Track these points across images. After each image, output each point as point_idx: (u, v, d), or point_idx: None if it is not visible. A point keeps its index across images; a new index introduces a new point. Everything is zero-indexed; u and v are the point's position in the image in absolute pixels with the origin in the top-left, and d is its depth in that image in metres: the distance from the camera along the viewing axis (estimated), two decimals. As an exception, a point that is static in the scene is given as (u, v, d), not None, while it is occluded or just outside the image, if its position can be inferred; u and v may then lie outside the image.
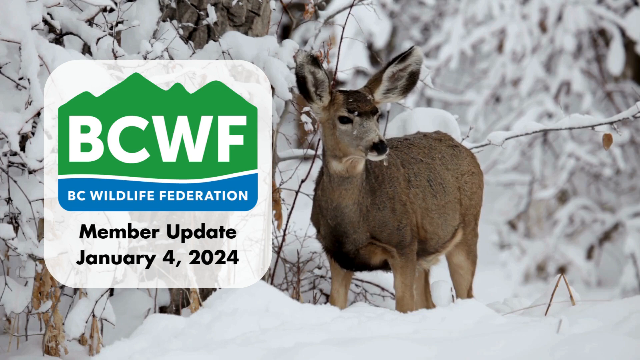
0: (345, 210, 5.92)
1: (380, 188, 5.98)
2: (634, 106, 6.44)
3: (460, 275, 6.44)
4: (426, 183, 6.13)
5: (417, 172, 6.13)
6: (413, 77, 5.86)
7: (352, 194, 5.90)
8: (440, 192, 6.18)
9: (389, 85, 5.88)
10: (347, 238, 5.95)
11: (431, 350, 4.39)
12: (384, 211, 5.96)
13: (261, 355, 4.42)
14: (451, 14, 16.68)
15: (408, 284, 6.04)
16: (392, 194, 5.99)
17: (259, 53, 6.33)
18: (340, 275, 6.12)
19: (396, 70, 5.85)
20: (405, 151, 6.18)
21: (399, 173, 6.05)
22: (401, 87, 5.88)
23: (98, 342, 5.53)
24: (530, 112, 15.47)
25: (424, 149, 6.23)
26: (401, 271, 6.03)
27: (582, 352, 4.21)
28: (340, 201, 5.91)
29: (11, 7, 5.15)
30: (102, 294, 5.38)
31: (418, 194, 6.08)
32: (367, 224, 5.93)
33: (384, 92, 5.89)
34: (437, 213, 6.15)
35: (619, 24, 15.43)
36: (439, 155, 6.26)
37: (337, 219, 5.94)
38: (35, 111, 5.15)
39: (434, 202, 6.14)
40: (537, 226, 15.87)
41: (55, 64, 5.19)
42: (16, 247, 5.32)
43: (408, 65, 5.85)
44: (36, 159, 5.17)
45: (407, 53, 5.83)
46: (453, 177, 6.25)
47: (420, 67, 5.84)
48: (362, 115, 5.82)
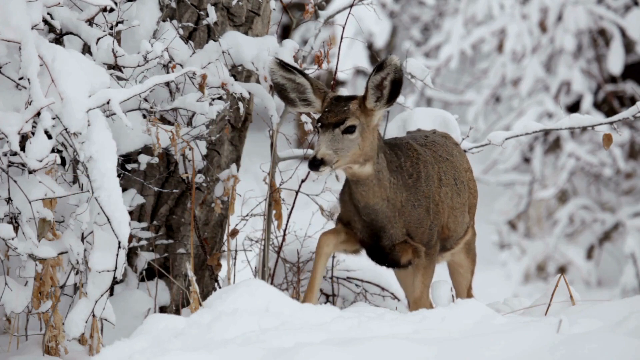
0: (376, 207, 5.93)
1: (416, 186, 5.98)
2: (634, 106, 6.44)
3: (460, 274, 6.45)
4: (453, 182, 6.16)
5: (445, 170, 6.14)
6: (395, 84, 5.83)
7: (376, 193, 5.91)
8: (462, 190, 6.21)
9: (377, 94, 5.86)
10: (385, 233, 5.96)
11: (431, 350, 4.39)
12: (419, 209, 5.97)
13: (261, 355, 4.42)
14: (451, 14, 16.68)
15: (427, 285, 6.06)
16: (428, 192, 6.01)
17: (259, 53, 6.33)
18: (325, 256, 6.09)
19: (379, 79, 5.83)
20: (433, 149, 6.19)
21: (434, 171, 6.06)
22: (387, 95, 5.85)
23: (98, 342, 5.53)
24: (530, 112, 15.47)
25: (444, 147, 6.25)
26: (424, 271, 6.04)
27: (582, 352, 4.21)
28: (367, 200, 5.92)
29: (11, 7, 5.15)
30: (102, 294, 5.38)
31: (447, 193, 6.11)
32: (403, 220, 5.95)
33: (374, 100, 5.87)
34: (460, 211, 6.18)
35: (619, 24, 15.43)
36: (455, 152, 6.28)
37: (370, 216, 5.95)
38: (35, 111, 5.15)
39: (458, 201, 6.17)
40: (537, 226, 15.88)
41: (55, 64, 5.19)
42: (16, 247, 5.32)
43: (387, 74, 5.82)
44: (36, 159, 5.17)
45: (382, 63, 5.80)
46: (465, 173, 6.28)
47: (399, 74, 5.80)
48: (323, 127, 5.83)
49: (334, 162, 5.78)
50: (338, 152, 5.79)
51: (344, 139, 5.81)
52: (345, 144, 5.81)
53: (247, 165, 8.02)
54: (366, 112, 5.87)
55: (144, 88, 5.35)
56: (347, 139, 5.81)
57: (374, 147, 5.88)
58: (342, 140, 5.81)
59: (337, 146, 5.80)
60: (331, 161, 5.77)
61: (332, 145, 5.79)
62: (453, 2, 16.79)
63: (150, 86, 5.36)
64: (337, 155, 5.79)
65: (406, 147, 6.05)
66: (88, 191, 5.29)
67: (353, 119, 5.84)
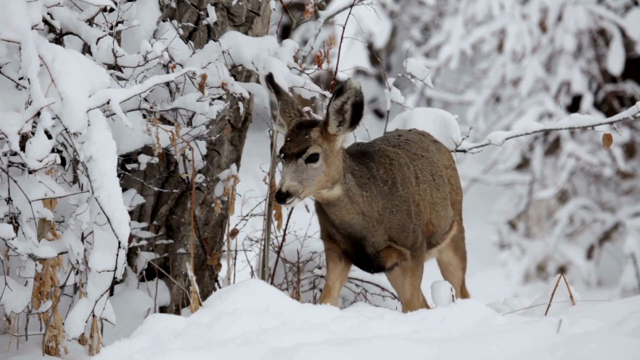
0: (352, 222, 5.89)
1: (392, 192, 5.93)
2: (634, 106, 6.44)
3: (450, 272, 6.42)
4: (430, 178, 6.12)
5: (421, 167, 6.10)
6: (357, 108, 5.75)
7: (349, 210, 5.87)
8: (441, 184, 6.17)
9: (338, 118, 5.78)
10: (367, 241, 5.93)
11: (431, 350, 4.39)
12: (398, 214, 5.93)
13: (261, 355, 4.42)
14: (451, 14, 16.68)
15: (417, 286, 6.03)
16: (406, 196, 5.96)
17: (259, 53, 6.33)
18: (337, 269, 6.08)
19: (339, 103, 5.75)
20: (407, 148, 6.14)
21: (410, 172, 6.02)
22: (348, 119, 5.76)
23: (98, 342, 5.53)
24: (530, 112, 15.47)
25: (420, 144, 6.21)
26: (412, 273, 6.02)
27: (582, 352, 4.21)
28: (342, 218, 5.88)
29: (11, 7, 5.15)
30: (102, 294, 5.38)
31: (426, 190, 6.07)
32: (383, 227, 5.91)
33: (336, 125, 5.78)
34: (441, 206, 6.15)
35: (619, 24, 15.43)
36: (430, 148, 6.25)
37: (348, 230, 5.91)
38: (35, 111, 5.15)
39: (438, 196, 6.14)
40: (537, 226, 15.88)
41: (55, 64, 5.19)
42: (16, 247, 5.32)
43: (347, 98, 5.74)
44: (36, 159, 5.17)
45: (341, 87, 5.72)
46: (443, 169, 6.25)
47: (360, 98, 5.73)
48: (286, 158, 5.77)
49: (300, 192, 5.70)
50: (303, 182, 5.71)
51: (308, 169, 5.73)
52: (309, 173, 5.73)
53: (247, 165, 8.03)
54: (328, 138, 5.78)
55: (144, 88, 5.35)
56: (311, 167, 5.73)
57: (339, 170, 5.81)
58: (306, 169, 5.73)
59: (302, 176, 5.72)
60: (297, 192, 5.69)
61: (297, 176, 5.71)
62: (453, 2, 16.79)
63: (150, 86, 5.36)
64: (303, 185, 5.71)
65: (378, 155, 5.98)
66: (88, 191, 5.29)
67: (315, 147, 5.75)
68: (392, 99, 6.76)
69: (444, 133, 6.67)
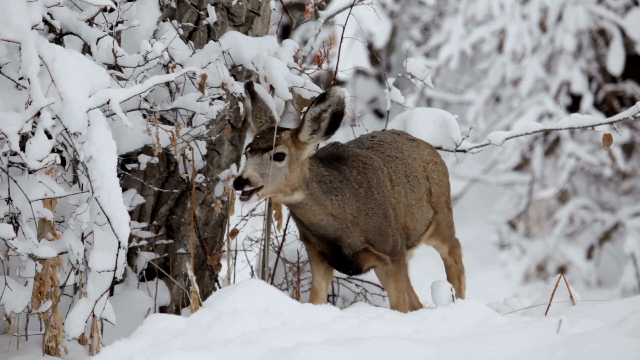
0: (322, 223, 5.86)
1: (367, 195, 5.89)
2: (634, 106, 6.44)
3: (446, 263, 6.46)
4: (405, 179, 6.09)
5: (395, 169, 6.07)
6: (336, 117, 5.71)
7: (315, 212, 5.84)
8: (416, 185, 6.14)
9: (313, 126, 5.75)
10: (343, 242, 5.90)
11: (431, 350, 4.39)
12: (374, 218, 5.89)
13: (261, 355, 4.42)
14: (451, 14, 16.68)
15: (401, 289, 6.00)
16: (381, 200, 5.93)
17: (259, 53, 6.33)
18: (321, 270, 6.07)
19: (318, 110, 5.72)
20: (381, 150, 6.11)
21: (384, 175, 5.99)
22: (324, 127, 5.73)
23: (98, 342, 5.53)
24: (530, 112, 15.47)
25: (393, 144, 6.18)
26: (394, 278, 5.99)
27: (582, 352, 4.21)
28: (310, 219, 5.86)
29: (11, 7, 5.15)
30: (102, 294, 5.38)
31: (400, 192, 6.04)
32: (359, 228, 5.89)
33: (309, 132, 5.75)
34: (417, 207, 6.13)
35: (619, 24, 15.43)
36: (405, 148, 6.22)
37: (319, 231, 5.89)
38: (35, 111, 5.15)
39: (413, 197, 6.10)
40: (537, 226, 15.88)
41: (55, 64, 5.19)
42: (16, 247, 5.32)
43: (329, 105, 5.70)
44: (36, 159, 5.17)
45: (325, 94, 5.69)
46: (420, 167, 6.22)
47: (342, 107, 5.68)
48: (252, 152, 5.75)
49: (259, 185, 5.68)
50: (264, 177, 5.70)
51: (272, 166, 5.72)
52: (272, 170, 5.72)
53: (247, 165, 8.00)
54: (298, 145, 5.77)
55: (144, 88, 5.35)
56: (275, 166, 5.72)
57: (300, 179, 5.78)
58: (270, 166, 5.72)
59: (264, 171, 5.71)
60: (256, 183, 5.67)
61: (259, 169, 5.70)
62: (453, 2, 16.79)
63: (150, 86, 5.36)
64: (263, 180, 5.70)
65: (352, 159, 5.95)
66: (88, 191, 5.29)
67: (284, 147, 5.74)
68: (392, 99, 6.76)
69: (444, 133, 6.67)
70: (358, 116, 6.82)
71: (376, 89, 18.44)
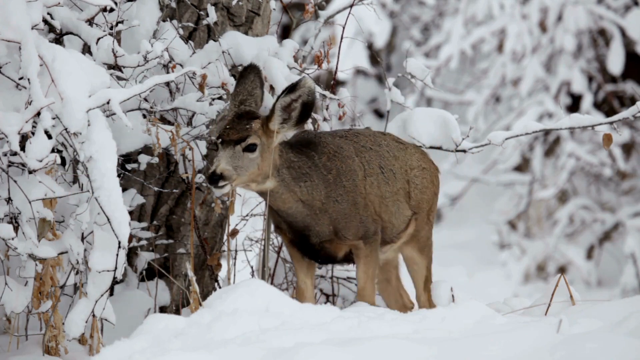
0: (291, 211, 5.90)
1: (336, 181, 5.93)
2: (634, 106, 6.44)
3: (414, 270, 6.40)
4: (378, 170, 6.10)
5: (369, 159, 6.09)
6: (306, 107, 5.75)
7: (285, 199, 5.88)
8: (391, 178, 6.14)
9: (284, 115, 5.78)
10: (311, 231, 5.93)
11: (431, 350, 4.39)
12: (343, 204, 5.92)
13: (261, 355, 4.42)
14: (451, 14, 16.68)
15: (370, 275, 6.00)
16: (351, 187, 5.96)
17: (259, 53, 6.33)
18: (304, 266, 6.09)
19: (288, 100, 5.75)
20: (355, 140, 6.13)
21: (355, 164, 6.01)
22: (295, 117, 5.77)
23: (98, 342, 5.53)
24: (530, 112, 15.47)
25: (370, 137, 6.19)
26: (365, 260, 5.99)
27: (582, 352, 4.21)
28: (279, 206, 5.90)
29: (11, 7, 5.15)
30: (102, 294, 5.38)
31: (373, 183, 6.05)
32: (327, 216, 5.91)
33: (280, 122, 5.79)
34: (391, 200, 6.12)
35: (619, 24, 15.43)
36: (385, 143, 6.22)
37: (289, 218, 5.93)
38: (35, 111, 5.15)
39: (387, 189, 6.11)
40: (537, 226, 15.88)
41: (55, 64, 5.19)
42: (16, 247, 5.32)
43: (299, 96, 5.74)
44: (36, 159, 5.17)
45: (295, 84, 5.73)
46: (401, 167, 6.22)
47: (312, 97, 5.73)
48: (223, 143, 5.78)
49: (233, 178, 5.73)
50: (237, 169, 5.75)
51: (244, 157, 5.77)
52: (244, 162, 5.76)
53: (247, 165, 8.00)
54: (268, 133, 5.81)
55: (144, 88, 5.35)
56: (247, 157, 5.77)
57: (272, 166, 5.82)
58: (242, 158, 5.77)
59: (237, 163, 5.75)
60: (230, 177, 5.72)
61: (232, 161, 5.75)
62: (453, 2, 16.79)
63: (150, 86, 5.36)
64: (236, 172, 5.74)
65: (321, 145, 5.99)
66: (88, 191, 5.29)
67: (255, 137, 5.78)
68: (392, 99, 6.75)
69: (444, 133, 6.66)
70: (358, 116, 6.82)
71: (376, 89, 18.44)
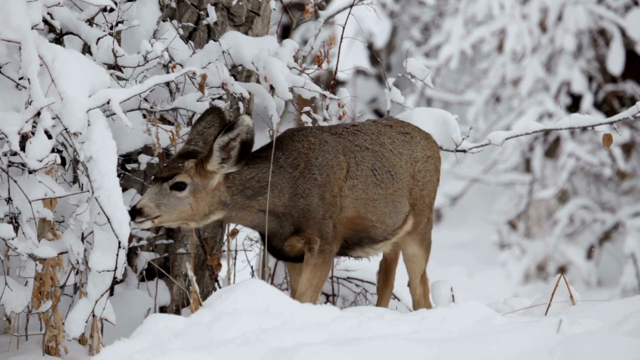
0: (254, 223, 5.90)
1: (304, 175, 5.86)
2: (634, 106, 6.44)
3: (413, 263, 6.34)
4: (369, 172, 6.03)
5: (360, 160, 6.00)
6: (245, 145, 5.70)
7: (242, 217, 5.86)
8: (387, 180, 6.06)
9: (222, 155, 5.73)
10: (274, 236, 5.92)
11: (431, 350, 4.39)
12: (309, 199, 5.85)
13: (261, 355, 4.42)
14: (451, 14, 16.69)
15: (314, 285, 5.91)
16: (322, 181, 5.87)
17: (259, 53, 6.33)
18: (295, 266, 6.06)
19: (226, 139, 5.70)
20: (350, 139, 6.04)
21: (335, 161, 5.92)
22: (235, 156, 5.72)
23: (98, 342, 5.53)
24: (530, 112, 15.47)
25: (372, 135, 6.10)
26: (312, 268, 5.90)
27: (582, 352, 4.22)
28: (238, 222, 5.91)
29: (11, 7, 5.15)
30: (102, 294, 5.38)
31: (356, 186, 5.98)
32: (291, 217, 5.85)
33: (219, 162, 5.73)
34: (383, 202, 6.04)
35: (619, 24, 15.43)
36: (388, 141, 6.16)
37: (249, 226, 5.93)
38: (35, 111, 5.15)
39: (377, 192, 6.02)
40: (537, 226, 15.88)
41: (55, 64, 5.20)
42: (16, 247, 5.32)
43: (237, 134, 5.69)
44: (36, 159, 5.17)
45: (233, 123, 5.67)
46: (406, 163, 6.17)
47: (251, 136, 5.68)
48: (154, 180, 5.75)
49: (154, 216, 5.68)
50: (161, 207, 5.69)
51: (171, 196, 5.71)
52: (171, 200, 5.71)
53: (247, 165, 8.00)
54: (203, 173, 5.75)
55: (144, 88, 5.35)
56: (175, 196, 5.72)
57: (214, 204, 5.77)
58: (169, 196, 5.71)
59: (162, 201, 5.70)
60: (150, 214, 5.67)
61: (156, 199, 5.69)
62: (453, 2, 16.79)
63: (150, 86, 5.36)
64: (159, 210, 5.69)
65: (297, 140, 5.91)
66: (88, 191, 5.30)
67: (184, 176, 5.72)
68: (392, 99, 6.76)
69: (444, 133, 6.67)
70: (358, 116, 6.82)
71: (376, 89, 18.44)
